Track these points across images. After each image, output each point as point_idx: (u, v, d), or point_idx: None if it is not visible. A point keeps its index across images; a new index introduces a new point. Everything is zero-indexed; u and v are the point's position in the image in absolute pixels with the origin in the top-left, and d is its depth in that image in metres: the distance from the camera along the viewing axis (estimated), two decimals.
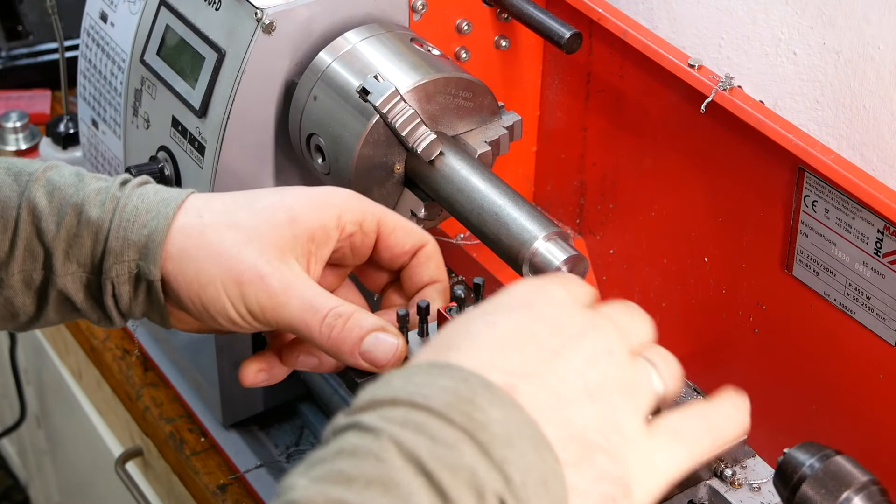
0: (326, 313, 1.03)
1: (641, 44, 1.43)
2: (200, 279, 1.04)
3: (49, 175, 1.09)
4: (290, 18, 1.36)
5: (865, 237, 1.26)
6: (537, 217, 1.25)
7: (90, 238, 1.07)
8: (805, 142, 1.27)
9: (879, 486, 1.05)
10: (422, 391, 0.76)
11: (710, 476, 1.20)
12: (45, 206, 1.07)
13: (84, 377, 1.95)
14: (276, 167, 1.44)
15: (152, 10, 1.48)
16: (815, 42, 1.37)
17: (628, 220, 1.60)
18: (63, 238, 1.07)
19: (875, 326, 1.28)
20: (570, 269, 1.21)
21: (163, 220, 1.06)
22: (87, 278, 1.08)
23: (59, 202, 1.08)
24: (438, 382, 0.77)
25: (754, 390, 1.47)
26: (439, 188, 1.32)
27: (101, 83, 1.60)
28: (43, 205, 1.07)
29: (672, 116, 1.46)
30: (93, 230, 1.07)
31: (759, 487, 1.19)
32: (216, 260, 1.04)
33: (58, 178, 1.09)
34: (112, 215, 1.07)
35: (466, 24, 1.52)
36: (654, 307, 1.58)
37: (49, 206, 1.07)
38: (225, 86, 1.37)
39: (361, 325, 1.03)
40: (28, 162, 1.12)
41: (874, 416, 1.32)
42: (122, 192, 1.09)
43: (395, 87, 1.29)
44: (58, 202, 1.08)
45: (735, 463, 1.20)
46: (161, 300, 1.07)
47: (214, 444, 1.60)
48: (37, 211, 1.07)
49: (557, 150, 1.66)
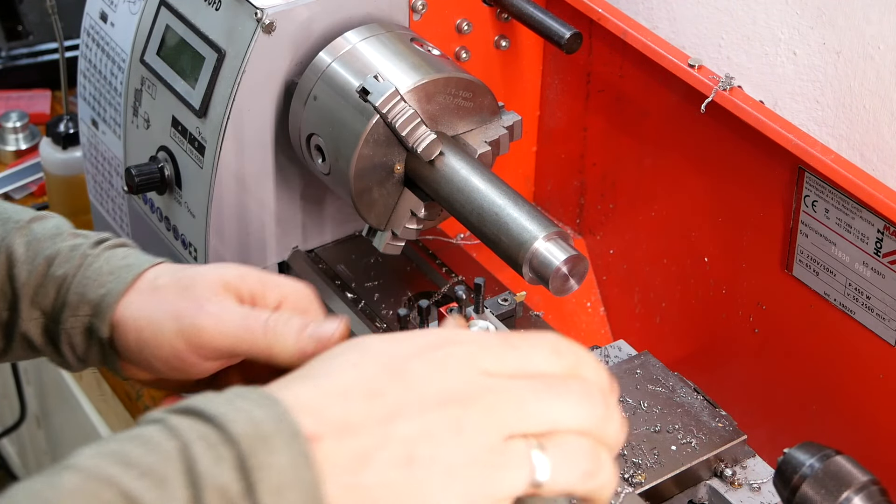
0: (267, 317, 1.06)
1: (641, 44, 1.43)
2: (147, 330, 1.10)
3: (32, 226, 1.17)
4: (290, 18, 1.36)
5: (865, 237, 1.26)
6: (537, 217, 1.25)
7: (54, 290, 1.13)
8: (805, 142, 1.27)
9: (879, 486, 1.05)
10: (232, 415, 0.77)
11: (710, 476, 1.20)
12: (21, 254, 1.15)
13: (84, 377, 1.95)
14: (276, 167, 1.44)
15: (152, 10, 1.48)
16: (815, 42, 1.37)
17: (628, 220, 1.60)
18: (31, 286, 1.14)
19: (875, 326, 1.28)
20: (570, 269, 1.21)
21: (121, 284, 1.12)
22: (48, 325, 1.14)
23: (34, 252, 1.15)
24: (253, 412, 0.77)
25: (754, 390, 1.48)
26: (439, 188, 1.32)
27: (101, 83, 1.60)
28: (19, 252, 1.15)
29: (672, 116, 1.46)
30: (57, 283, 1.14)
31: (759, 487, 1.19)
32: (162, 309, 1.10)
33: (39, 230, 1.17)
34: (77, 271, 1.14)
35: (466, 24, 1.52)
36: (654, 307, 1.58)
37: (25, 255, 1.15)
38: (225, 86, 1.37)
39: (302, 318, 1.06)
40: (19, 210, 1.19)
41: (874, 416, 1.32)
42: (93, 251, 1.15)
43: (395, 87, 1.29)
44: (33, 252, 1.15)
45: (735, 463, 1.20)
46: (112, 353, 1.13)
47: None
48: (13, 257, 1.15)
49: (557, 150, 1.66)
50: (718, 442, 1.20)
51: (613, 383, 0.83)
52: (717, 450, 1.19)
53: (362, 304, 1.45)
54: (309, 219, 1.50)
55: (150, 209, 1.54)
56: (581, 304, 1.67)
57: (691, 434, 1.20)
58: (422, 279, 1.50)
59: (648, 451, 1.18)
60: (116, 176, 1.61)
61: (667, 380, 1.25)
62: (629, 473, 1.15)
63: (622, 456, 1.17)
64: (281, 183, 1.45)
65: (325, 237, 1.53)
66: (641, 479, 1.15)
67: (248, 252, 1.46)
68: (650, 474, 1.16)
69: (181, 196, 1.46)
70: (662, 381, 1.25)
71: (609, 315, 1.66)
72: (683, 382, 1.25)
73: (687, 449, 1.19)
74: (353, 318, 1.44)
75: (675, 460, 1.17)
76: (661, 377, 1.25)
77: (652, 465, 1.17)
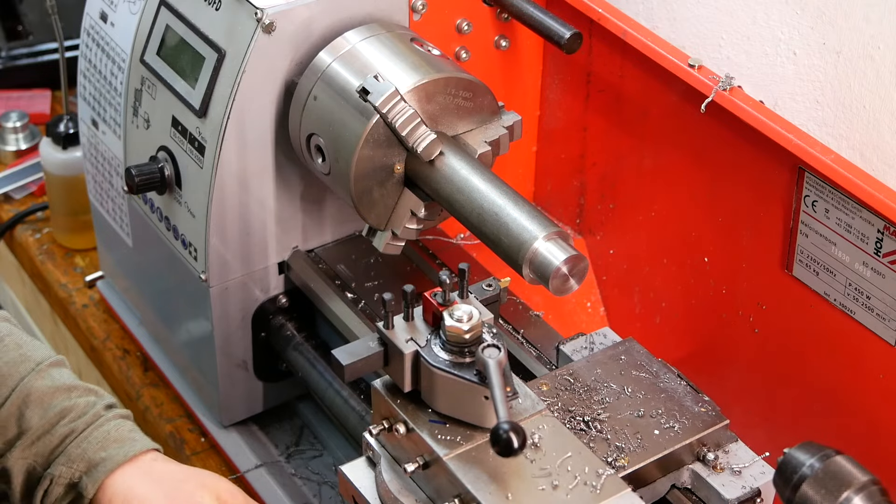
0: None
1: (641, 44, 1.43)
2: None
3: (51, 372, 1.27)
4: (290, 18, 1.36)
5: (865, 237, 1.26)
6: (537, 217, 1.25)
7: (59, 438, 1.24)
8: (805, 142, 1.27)
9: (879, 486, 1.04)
10: None
11: (692, 460, 1.20)
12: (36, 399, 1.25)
13: (84, 377, 1.95)
14: (276, 167, 1.44)
15: (152, 10, 1.48)
16: (815, 42, 1.37)
17: (628, 220, 1.60)
18: (39, 430, 1.24)
19: (875, 326, 1.28)
20: (570, 269, 1.21)
21: (122, 455, 1.23)
22: (34, 468, 1.24)
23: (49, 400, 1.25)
24: None
25: (754, 390, 1.48)
26: (439, 188, 1.32)
27: (101, 83, 1.60)
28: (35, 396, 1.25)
29: (672, 116, 1.46)
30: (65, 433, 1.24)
31: (741, 471, 1.20)
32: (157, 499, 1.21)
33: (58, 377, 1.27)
34: (86, 428, 1.24)
35: (466, 24, 1.52)
36: (654, 307, 1.58)
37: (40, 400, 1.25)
38: (225, 86, 1.37)
39: None
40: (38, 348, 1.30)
41: (874, 416, 1.32)
42: (105, 414, 1.26)
43: (395, 87, 1.29)
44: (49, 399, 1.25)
45: (717, 447, 1.21)
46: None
47: (214, 444, 1.60)
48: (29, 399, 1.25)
49: (557, 150, 1.66)
50: (701, 426, 1.21)
51: None
52: (699, 434, 1.20)
53: (362, 304, 1.45)
54: (309, 219, 1.50)
55: (150, 209, 1.54)
56: (581, 304, 1.67)
57: (674, 419, 1.21)
58: (422, 279, 1.50)
59: (632, 435, 1.19)
60: (116, 176, 1.61)
61: (651, 365, 1.26)
62: (612, 457, 1.16)
63: (606, 440, 1.18)
64: (281, 183, 1.45)
65: (326, 237, 1.53)
66: (625, 463, 1.16)
67: (249, 252, 1.46)
68: (633, 458, 1.17)
69: (181, 196, 1.46)
70: (646, 366, 1.26)
71: (609, 315, 1.66)
72: (667, 368, 1.26)
73: (670, 433, 1.20)
74: (353, 318, 1.44)
75: (658, 444, 1.19)
76: (644, 363, 1.26)
77: (635, 449, 1.18)
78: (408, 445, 1.15)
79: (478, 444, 1.13)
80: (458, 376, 1.12)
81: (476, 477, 1.11)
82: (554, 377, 1.25)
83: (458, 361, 1.12)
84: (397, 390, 1.16)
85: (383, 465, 1.18)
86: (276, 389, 1.60)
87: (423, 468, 1.14)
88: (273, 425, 1.61)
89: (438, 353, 1.13)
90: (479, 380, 1.11)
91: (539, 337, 1.41)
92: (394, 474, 1.17)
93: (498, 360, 1.09)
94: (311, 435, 1.61)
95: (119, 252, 1.70)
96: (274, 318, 1.53)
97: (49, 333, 2.05)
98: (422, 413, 1.15)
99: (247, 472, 1.55)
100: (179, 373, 1.66)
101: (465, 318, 1.12)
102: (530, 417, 1.16)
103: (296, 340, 1.52)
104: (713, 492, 1.19)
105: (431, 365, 1.12)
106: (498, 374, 1.08)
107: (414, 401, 1.16)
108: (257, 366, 1.56)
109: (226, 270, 1.46)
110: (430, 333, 1.14)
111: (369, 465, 1.21)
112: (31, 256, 1.93)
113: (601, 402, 1.23)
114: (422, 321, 1.15)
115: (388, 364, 1.16)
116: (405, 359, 1.13)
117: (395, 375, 1.16)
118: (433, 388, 1.13)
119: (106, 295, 1.80)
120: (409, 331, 1.14)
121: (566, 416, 1.21)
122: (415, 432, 1.14)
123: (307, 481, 1.55)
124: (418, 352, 1.13)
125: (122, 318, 1.77)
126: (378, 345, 1.15)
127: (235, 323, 1.51)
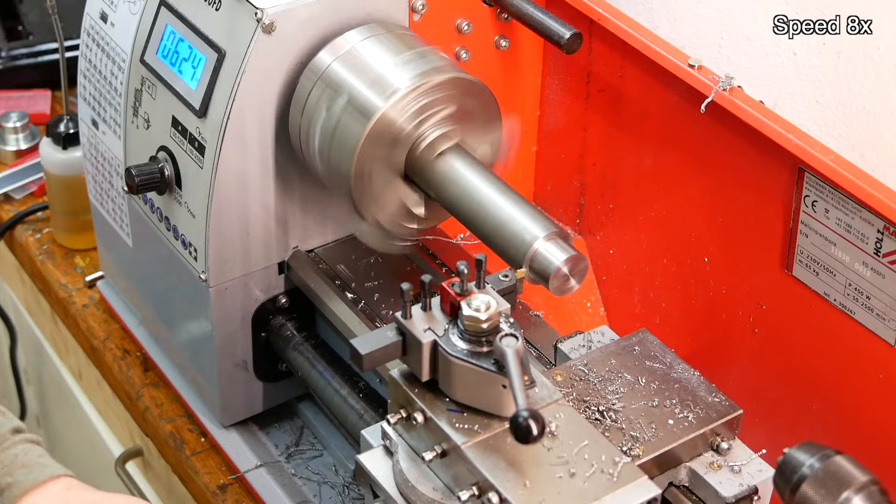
0: None
1: (641, 44, 1.43)
2: None
3: None
4: (290, 18, 1.36)
5: (865, 237, 1.26)
6: (537, 217, 1.25)
7: None
8: (805, 142, 1.27)
9: (879, 486, 1.05)
10: None
11: (706, 449, 1.21)
12: None
13: (84, 377, 1.95)
14: (276, 167, 1.44)
15: (152, 10, 1.48)
16: (815, 42, 1.38)
17: (628, 220, 1.60)
18: None
19: (875, 326, 1.28)
20: (570, 269, 1.21)
21: (30, 481, 1.20)
22: None
23: None
24: None
25: (754, 390, 1.48)
26: (439, 188, 1.32)
27: (101, 83, 1.60)
28: None
29: (672, 116, 1.46)
30: None
31: (740, 469, 1.20)
32: None
33: None
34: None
35: (466, 24, 1.52)
36: (654, 307, 1.58)
37: None
38: (225, 86, 1.37)
39: None
40: None
41: (874, 416, 1.32)
42: (13, 437, 1.24)
43: (397, 87, 1.29)
44: None
45: (731, 438, 1.22)
46: None
47: (214, 444, 1.60)
48: None
49: (557, 150, 1.66)
50: (715, 416, 1.21)
51: None
52: (713, 423, 1.20)
53: (362, 304, 1.45)
54: (309, 219, 1.50)
55: (150, 209, 1.54)
56: (581, 304, 1.67)
57: (688, 408, 1.22)
58: None
59: (646, 424, 1.20)
60: (116, 176, 1.61)
61: (664, 356, 1.26)
62: (627, 447, 1.17)
63: (621, 430, 1.19)
64: (281, 183, 1.45)
65: (326, 237, 1.53)
66: (640, 452, 1.17)
67: (249, 252, 1.47)
68: (648, 447, 1.18)
69: (181, 196, 1.46)
70: (660, 357, 1.27)
71: (609, 315, 1.66)
72: (680, 359, 1.27)
73: (684, 423, 1.20)
74: (353, 318, 1.44)
75: (672, 434, 1.19)
76: (658, 354, 1.27)
77: (650, 439, 1.19)
78: (425, 434, 1.16)
79: (495, 433, 1.14)
80: (476, 365, 1.12)
81: (494, 465, 1.11)
82: (568, 368, 1.26)
83: (476, 350, 1.13)
84: (415, 379, 1.17)
85: (401, 453, 1.18)
86: (276, 389, 1.60)
87: (440, 457, 1.15)
88: (273, 425, 1.61)
89: (456, 342, 1.13)
90: (497, 369, 1.12)
91: (539, 337, 1.41)
92: (411, 463, 1.18)
93: (516, 349, 1.09)
94: (311, 435, 1.61)
95: (119, 252, 1.70)
96: (274, 318, 1.53)
97: (49, 333, 2.05)
98: (439, 402, 1.16)
99: (247, 472, 1.55)
100: (179, 373, 1.66)
101: (483, 307, 1.12)
102: (547, 406, 1.17)
103: (296, 340, 1.52)
104: (710, 490, 1.20)
105: (449, 354, 1.13)
106: (516, 362, 1.09)
107: (432, 390, 1.16)
108: (257, 366, 1.56)
109: (226, 270, 1.46)
110: (447, 323, 1.15)
111: (386, 455, 1.21)
112: (31, 256, 1.93)
113: (615, 393, 1.23)
114: (439, 311, 1.16)
115: (405, 353, 1.16)
116: (423, 348, 1.14)
117: (413, 365, 1.16)
118: (451, 377, 1.14)
119: (106, 295, 1.80)
120: (427, 320, 1.15)
121: (581, 406, 1.21)
122: (433, 421, 1.15)
123: (307, 481, 1.55)
124: (436, 341, 1.14)
125: (122, 318, 1.77)
126: (396, 334, 1.16)
127: (235, 323, 1.51)
